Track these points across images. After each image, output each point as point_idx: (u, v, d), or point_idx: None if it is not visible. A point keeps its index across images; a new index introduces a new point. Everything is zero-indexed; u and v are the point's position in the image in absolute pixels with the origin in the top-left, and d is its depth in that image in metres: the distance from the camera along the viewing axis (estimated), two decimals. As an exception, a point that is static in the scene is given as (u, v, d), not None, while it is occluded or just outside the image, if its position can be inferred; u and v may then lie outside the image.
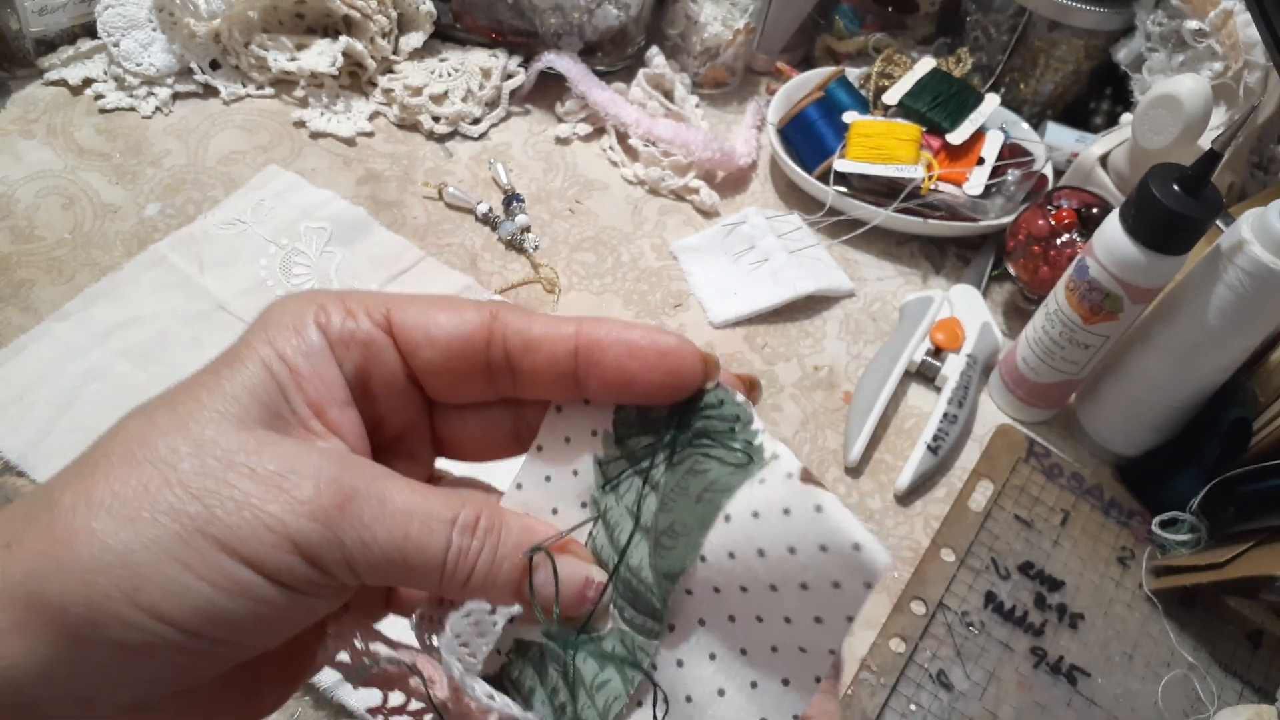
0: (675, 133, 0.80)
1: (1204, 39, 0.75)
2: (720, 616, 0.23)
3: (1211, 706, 0.56)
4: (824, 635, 0.22)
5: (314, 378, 0.24)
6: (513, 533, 0.24)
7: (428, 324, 0.25)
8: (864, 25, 0.94)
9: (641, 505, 0.24)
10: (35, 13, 0.77)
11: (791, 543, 0.22)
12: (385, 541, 0.22)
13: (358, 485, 0.22)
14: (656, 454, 0.24)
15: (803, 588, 0.22)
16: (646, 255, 0.76)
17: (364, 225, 0.73)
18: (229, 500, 0.21)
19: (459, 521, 0.23)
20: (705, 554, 0.23)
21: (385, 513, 0.22)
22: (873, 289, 0.77)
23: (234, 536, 0.20)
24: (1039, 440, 0.67)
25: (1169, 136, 0.67)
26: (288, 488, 0.21)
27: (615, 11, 0.83)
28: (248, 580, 0.21)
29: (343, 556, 0.21)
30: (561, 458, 0.25)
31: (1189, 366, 0.60)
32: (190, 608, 0.20)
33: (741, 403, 0.24)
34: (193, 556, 0.20)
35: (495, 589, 0.23)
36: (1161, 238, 0.55)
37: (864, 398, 0.66)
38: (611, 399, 0.25)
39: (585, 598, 0.24)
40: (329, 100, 0.81)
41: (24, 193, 0.71)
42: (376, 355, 0.25)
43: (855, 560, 0.21)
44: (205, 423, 0.22)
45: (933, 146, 0.79)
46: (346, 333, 0.24)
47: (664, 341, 0.24)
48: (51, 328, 0.62)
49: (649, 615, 0.24)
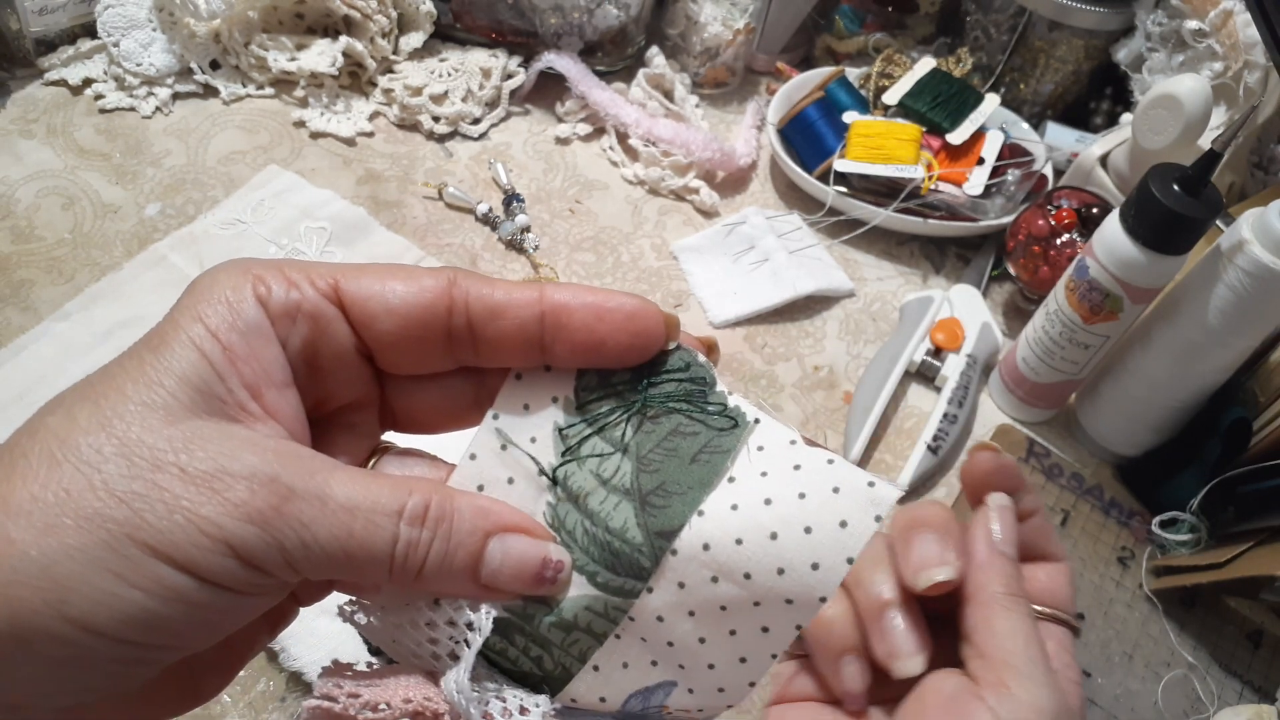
0: (675, 133, 0.80)
1: (1204, 39, 0.75)
2: (703, 577, 0.23)
3: (1211, 706, 0.56)
4: (819, 581, 0.22)
5: (250, 357, 0.22)
6: (465, 518, 0.23)
7: (384, 293, 0.23)
8: (864, 25, 0.95)
9: (618, 468, 0.24)
10: (35, 13, 0.77)
11: (802, 489, 0.23)
12: (328, 541, 0.21)
13: (295, 483, 0.21)
14: (625, 416, 0.24)
15: (806, 532, 0.22)
16: (646, 255, 0.76)
17: (364, 225, 0.73)
18: (159, 504, 0.19)
19: (406, 512, 0.22)
20: (704, 509, 0.23)
21: (326, 511, 0.21)
22: (873, 289, 0.77)
23: (166, 541, 0.19)
24: (1039, 440, 0.67)
25: (1169, 136, 0.67)
26: (220, 489, 0.20)
27: (615, 11, 0.83)
28: (183, 585, 0.20)
29: (283, 558, 0.20)
30: (519, 426, 0.25)
31: (1189, 366, 0.60)
32: (123, 617, 0.19)
33: (705, 364, 0.25)
34: (123, 564, 0.19)
35: (451, 578, 0.23)
36: (1161, 238, 0.55)
37: (864, 398, 0.66)
38: (578, 363, 0.24)
39: (543, 578, 0.23)
40: (329, 100, 0.81)
41: (24, 193, 0.71)
42: (325, 328, 0.23)
43: (869, 495, 0.22)
44: (130, 418, 0.20)
45: (933, 146, 0.79)
46: (291, 304, 0.23)
47: (629, 303, 0.23)
48: (51, 328, 0.63)
49: (631, 576, 0.24)
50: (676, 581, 0.23)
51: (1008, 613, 0.28)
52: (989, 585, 0.29)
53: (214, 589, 0.20)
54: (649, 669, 0.24)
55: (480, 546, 0.23)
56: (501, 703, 0.23)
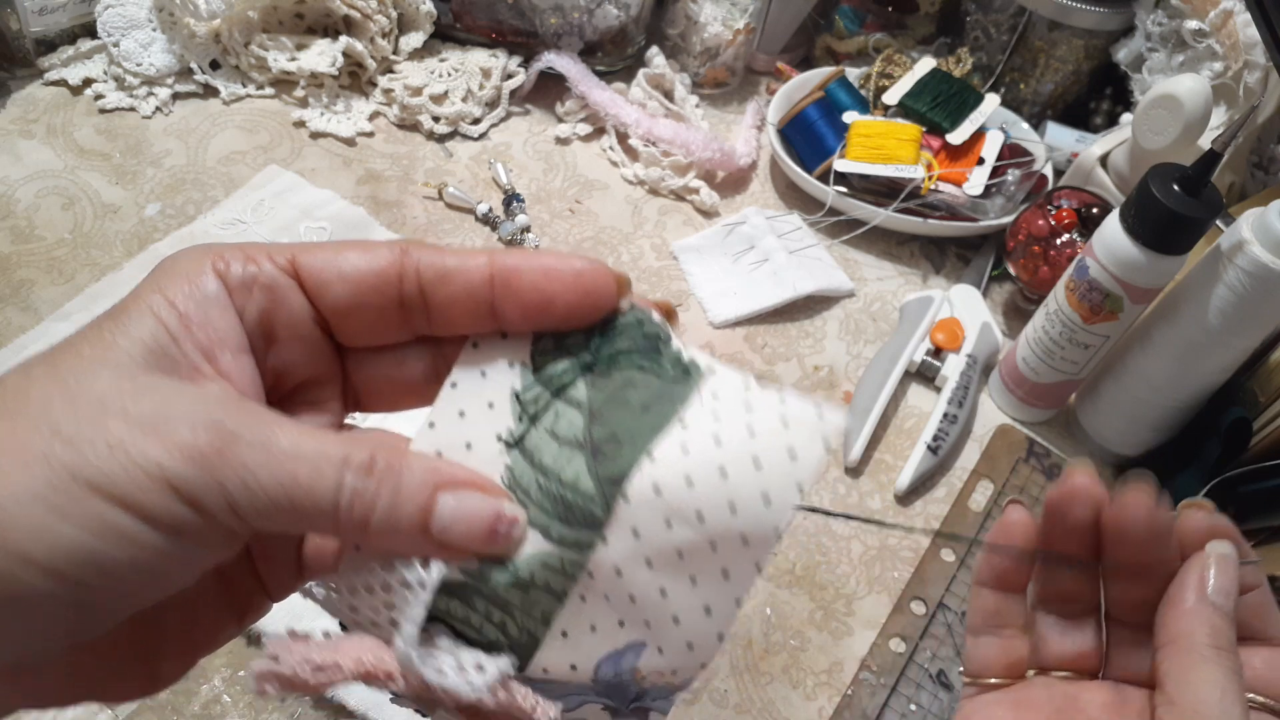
0: (675, 133, 0.80)
1: (1204, 39, 0.75)
2: (657, 522, 0.23)
3: (1211, 706, 0.56)
4: (771, 515, 0.22)
5: (205, 324, 0.23)
6: (415, 472, 0.23)
7: (338, 262, 0.24)
8: (864, 25, 0.94)
9: (571, 423, 0.24)
10: (35, 13, 0.77)
11: (752, 426, 0.23)
12: (270, 484, 0.21)
13: (240, 429, 0.21)
14: (578, 373, 0.25)
15: (756, 466, 0.22)
16: (646, 255, 0.76)
17: (364, 225, 0.73)
18: (101, 445, 0.20)
19: (352, 462, 0.22)
20: (654, 453, 0.23)
21: (269, 455, 0.21)
22: (873, 289, 0.77)
23: (107, 480, 0.20)
24: (1039, 440, 0.67)
25: (1169, 136, 0.67)
26: (164, 431, 0.20)
27: (615, 11, 0.83)
28: (123, 524, 0.20)
29: (225, 500, 0.20)
30: (477, 392, 0.25)
31: (1189, 366, 0.60)
32: (62, 553, 0.19)
33: (660, 322, 0.25)
34: (63, 500, 0.19)
35: (401, 533, 0.22)
36: (1161, 238, 0.55)
37: (864, 398, 0.66)
38: (529, 325, 0.25)
39: (496, 533, 0.23)
40: (329, 100, 0.81)
41: (24, 193, 0.71)
42: (281, 299, 0.24)
43: (817, 425, 0.23)
44: (82, 373, 0.21)
45: (933, 146, 0.79)
46: (248, 277, 0.23)
47: (577, 263, 0.24)
48: (51, 328, 0.63)
49: (586, 526, 0.23)
50: (631, 529, 0.23)
51: (1208, 664, 0.26)
52: (1193, 634, 0.27)
53: (156, 530, 0.20)
54: (616, 630, 0.24)
55: (429, 499, 0.23)
56: (454, 659, 0.23)
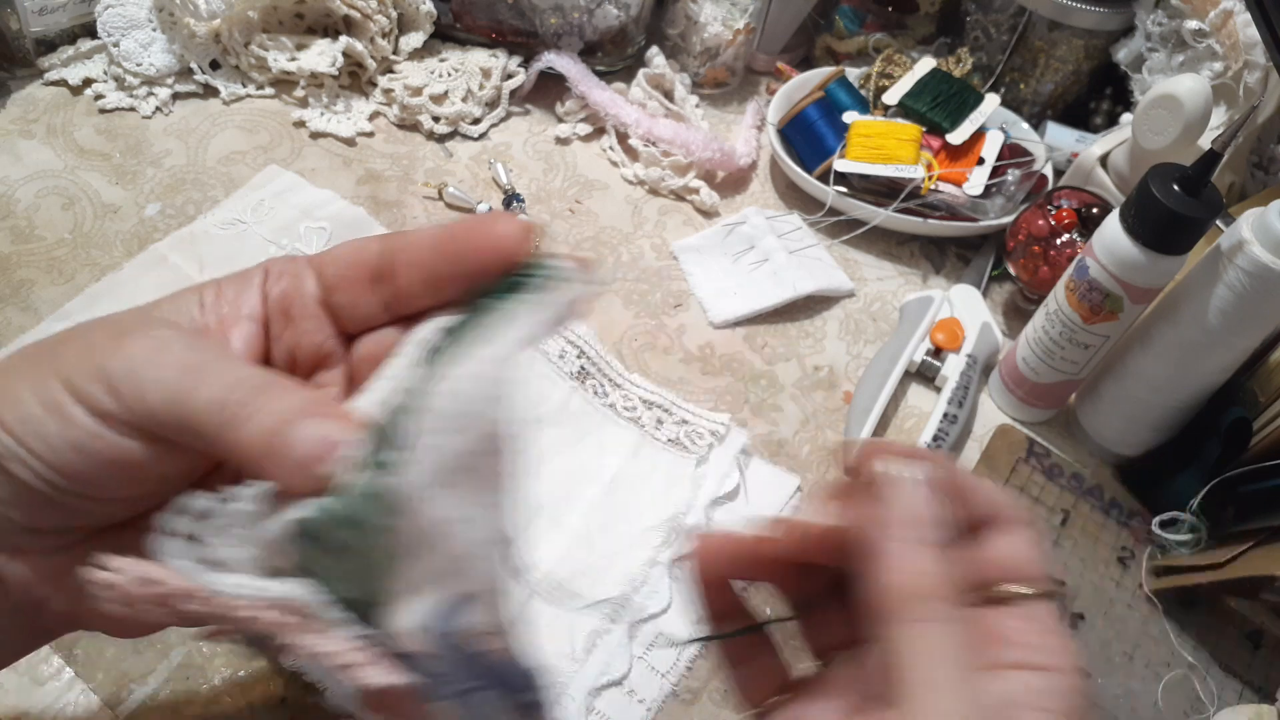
0: (675, 133, 0.80)
1: (1204, 39, 0.75)
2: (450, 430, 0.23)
3: (1211, 706, 0.56)
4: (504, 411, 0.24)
5: (236, 298, 0.29)
6: (292, 400, 0.25)
7: (340, 248, 0.30)
8: (864, 25, 0.94)
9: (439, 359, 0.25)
10: (35, 13, 0.77)
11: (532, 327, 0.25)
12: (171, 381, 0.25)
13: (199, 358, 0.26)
14: (466, 313, 0.27)
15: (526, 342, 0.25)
16: (646, 255, 0.76)
17: (364, 225, 0.73)
18: (80, 342, 0.26)
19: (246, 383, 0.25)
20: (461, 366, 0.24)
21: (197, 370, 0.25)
22: (873, 289, 0.77)
23: (65, 367, 0.25)
24: (1039, 440, 0.67)
25: (1169, 136, 0.67)
26: (127, 337, 0.25)
27: (615, 11, 0.83)
28: (60, 401, 0.25)
29: (137, 390, 0.24)
30: (407, 356, 0.27)
31: (1189, 366, 0.60)
32: (15, 418, 0.25)
33: (561, 266, 0.26)
34: (31, 376, 0.25)
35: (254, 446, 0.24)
36: (1161, 238, 0.55)
37: (864, 398, 0.66)
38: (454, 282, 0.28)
39: (321, 458, 0.24)
40: (329, 100, 0.81)
41: (24, 193, 0.71)
42: (298, 278, 0.29)
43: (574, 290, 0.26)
44: (97, 320, 0.27)
45: (933, 146, 0.79)
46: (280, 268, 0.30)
47: (491, 216, 0.28)
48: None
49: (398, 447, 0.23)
50: (432, 445, 0.23)
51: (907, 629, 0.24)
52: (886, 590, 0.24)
53: (87, 413, 0.25)
54: (442, 580, 0.24)
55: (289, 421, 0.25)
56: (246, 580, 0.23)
